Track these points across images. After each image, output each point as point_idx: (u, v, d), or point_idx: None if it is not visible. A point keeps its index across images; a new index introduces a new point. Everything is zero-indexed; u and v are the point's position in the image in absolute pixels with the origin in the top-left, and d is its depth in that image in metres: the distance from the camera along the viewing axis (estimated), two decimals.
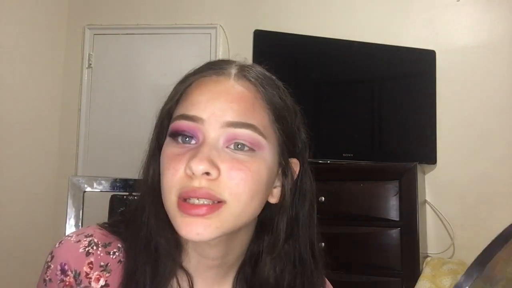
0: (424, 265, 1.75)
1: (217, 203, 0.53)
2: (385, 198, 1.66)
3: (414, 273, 1.63)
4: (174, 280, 0.60)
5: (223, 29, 2.37)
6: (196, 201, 0.53)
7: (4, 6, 2.14)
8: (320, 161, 1.79)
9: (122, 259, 0.60)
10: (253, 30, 1.96)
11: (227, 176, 0.53)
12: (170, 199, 0.54)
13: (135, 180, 1.00)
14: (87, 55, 2.50)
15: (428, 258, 1.84)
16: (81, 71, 2.50)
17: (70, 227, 0.99)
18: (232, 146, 0.55)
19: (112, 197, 0.96)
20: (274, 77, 0.62)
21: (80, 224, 0.98)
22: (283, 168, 0.60)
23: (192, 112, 0.56)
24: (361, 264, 1.67)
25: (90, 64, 2.49)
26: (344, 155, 1.90)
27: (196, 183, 0.52)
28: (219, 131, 0.55)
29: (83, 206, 0.98)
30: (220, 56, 2.33)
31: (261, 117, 0.57)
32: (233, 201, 0.54)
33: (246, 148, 0.55)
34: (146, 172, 0.61)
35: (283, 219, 0.60)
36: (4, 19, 2.14)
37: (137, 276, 0.57)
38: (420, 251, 1.67)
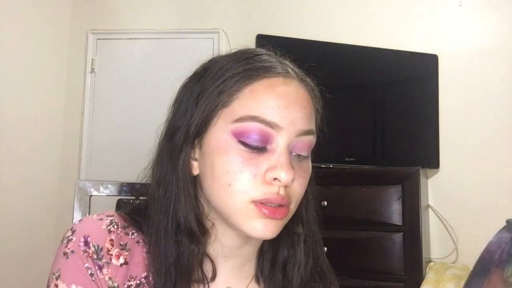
0: (427, 270, 1.75)
1: (285, 207, 0.58)
2: (388, 202, 1.66)
3: (417, 278, 1.63)
4: (198, 266, 0.61)
5: (226, 34, 2.38)
6: (272, 205, 0.57)
7: (7, 11, 2.15)
8: (322, 165, 1.79)
9: (140, 240, 0.62)
10: (255, 35, 1.97)
11: (297, 184, 0.58)
12: (243, 201, 0.56)
13: (141, 184, 1.00)
14: (90, 59, 2.51)
15: (431, 263, 1.83)
16: (84, 75, 2.51)
17: None
18: (294, 154, 0.59)
19: (119, 201, 0.97)
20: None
21: None
22: None
23: (270, 117, 0.56)
24: (364, 269, 1.67)
25: (93, 68, 2.50)
26: (346, 159, 1.90)
27: (276, 189, 0.56)
28: (292, 139, 0.58)
29: (90, 210, 0.98)
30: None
31: (315, 122, 0.63)
32: (295, 205, 0.59)
33: (305, 155, 0.60)
34: (174, 157, 0.61)
35: (303, 206, 0.65)
36: (7, 25, 2.15)
37: (165, 260, 0.59)
38: (423, 256, 1.66)
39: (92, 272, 0.58)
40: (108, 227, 0.60)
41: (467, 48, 2.12)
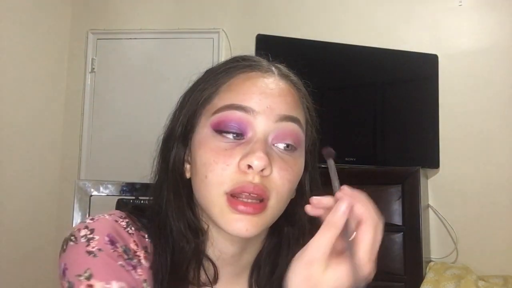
0: (427, 270, 1.75)
1: (261, 202, 0.55)
2: (388, 202, 1.66)
3: (417, 278, 1.63)
4: (196, 268, 0.59)
5: (226, 34, 2.38)
6: (245, 199, 0.54)
7: (7, 11, 2.15)
8: (322, 165, 1.78)
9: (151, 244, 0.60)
10: (255, 35, 1.97)
11: (277, 176, 0.55)
12: (218, 194, 0.55)
13: (141, 184, 1.00)
14: (90, 59, 2.51)
15: (431, 263, 1.83)
16: (84, 75, 2.50)
17: None
18: (278, 145, 0.57)
19: (118, 201, 0.96)
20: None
21: None
22: (305, 163, 0.62)
23: (245, 102, 0.56)
24: None
25: (93, 68, 2.50)
26: (346, 159, 1.90)
27: (250, 178, 0.53)
28: (271, 126, 0.56)
29: (90, 210, 0.98)
30: (223, 60, 2.33)
31: (302, 114, 0.61)
32: (276, 200, 0.56)
33: (290, 147, 0.57)
34: (167, 159, 0.61)
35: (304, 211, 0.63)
36: (7, 24, 2.15)
37: (160, 258, 0.57)
38: (423, 255, 1.66)
39: (128, 270, 0.54)
40: (126, 229, 0.57)
41: (467, 48, 2.12)
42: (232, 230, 0.54)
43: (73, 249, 0.54)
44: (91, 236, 0.54)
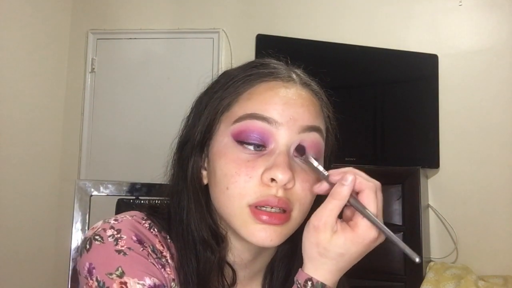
0: (427, 270, 1.75)
1: (285, 212, 0.55)
2: (388, 202, 1.66)
3: (417, 277, 1.63)
4: (219, 274, 0.59)
5: (226, 34, 2.38)
6: (269, 209, 0.54)
7: (7, 11, 2.15)
8: None
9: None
10: (255, 35, 1.97)
11: (300, 188, 0.55)
12: (240, 206, 0.55)
13: (141, 184, 1.00)
14: (90, 59, 2.51)
15: (431, 263, 1.83)
16: (84, 75, 2.51)
17: (77, 231, 0.98)
18: (299, 157, 0.56)
19: (119, 201, 0.96)
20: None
21: (86, 228, 0.98)
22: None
23: (267, 113, 0.55)
24: (363, 269, 1.66)
25: (93, 68, 2.50)
26: (346, 159, 1.90)
27: (274, 192, 0.54)
28: (294, 137, 0.56)
29: (90, 210, 0.98)
30: (223, 60, 2.33)
31: (323, 123, 0.60)
32: (298, 211, 0.56)
33: (312, 156, 0.57)
34: (184, 167, 0.60)
35: None
36: (7, 24, 2.15)
37: (186, 268, 0.57)
38: (423, 255, 1.66)
39: (158, 268, 0.55)
40: (150, 230, 0.58)
41: (467, 48, 2.12)
42: (256, 241, 0.54)
43: (100, 249, 0.54)
44: (118, 236, 0.54)
